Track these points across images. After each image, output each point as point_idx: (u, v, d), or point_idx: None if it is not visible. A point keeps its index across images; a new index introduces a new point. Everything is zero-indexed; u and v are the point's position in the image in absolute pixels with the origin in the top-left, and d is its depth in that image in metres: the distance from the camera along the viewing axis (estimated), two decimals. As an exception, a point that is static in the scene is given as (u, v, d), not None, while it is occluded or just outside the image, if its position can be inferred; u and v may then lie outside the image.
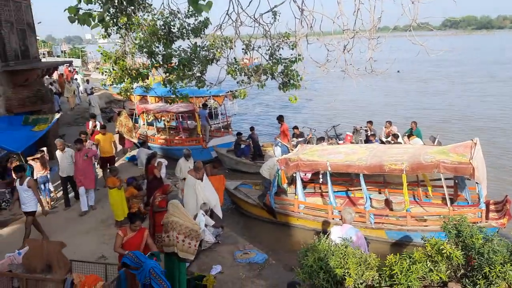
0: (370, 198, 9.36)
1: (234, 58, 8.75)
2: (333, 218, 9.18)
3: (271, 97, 30.31)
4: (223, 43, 9.67)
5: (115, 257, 7.73)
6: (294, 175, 9.85)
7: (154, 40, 10.13)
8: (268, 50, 9.32)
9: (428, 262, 3.49)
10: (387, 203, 9.78)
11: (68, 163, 10.55)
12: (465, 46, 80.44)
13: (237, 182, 11.71)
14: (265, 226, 10.20)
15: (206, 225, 8.53)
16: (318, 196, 10.94)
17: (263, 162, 13.66)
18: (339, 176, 10.85)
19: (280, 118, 14.57)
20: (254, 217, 10.53)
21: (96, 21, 4.27)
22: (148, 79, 12.01)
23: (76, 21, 3.87)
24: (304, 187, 10.38)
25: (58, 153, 10.62)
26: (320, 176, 10.95)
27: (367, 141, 13.53)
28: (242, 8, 7.04)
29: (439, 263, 3.47)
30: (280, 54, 9.70)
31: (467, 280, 3.36)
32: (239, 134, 14.83)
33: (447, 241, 3.70)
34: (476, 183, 8.19)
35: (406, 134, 13.24)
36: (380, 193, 10.47)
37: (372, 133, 13.78)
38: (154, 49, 10.08)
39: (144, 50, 9.98)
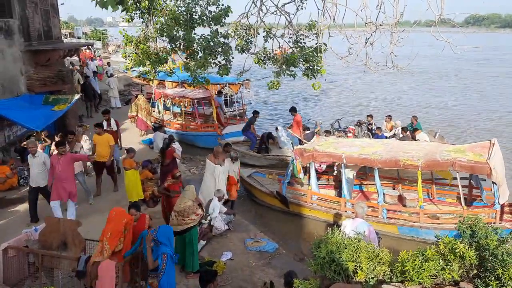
0: (384, 193, 9.33)
1: (264, 48, 8.70)
2: (345, 211, 9.18)
3: (289, 87, 30.19)
4: (246, 32, 9.66)
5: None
6: (308, 165, 9.86)
7: (175, 25, 10.18)
8: (291, 38, 9.24)
9: (440, 261, 3.49)
10: (400, 199, 9.73)
11: (38, 171, 8.51)
12: (497, 45, 77.68)
13: (251, 170, 11.77)
14: (277, 215, 10.26)
15: (219, 212, 8.63)
16: (332, 188, 10.94)
17: (269, 155, 13.64)
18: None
19: (293, 110, 14.51)
20: (267, 205, 10.59)
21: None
22: (167, 63, 12.06)
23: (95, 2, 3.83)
24: (318, 179, 10.38)
25: (29, 158, 8.74)
26: (335, 168, 10.93)
27: (373, 134, 13.53)
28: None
29: (452, 262, 3.46)
30: (305, 42, 9.61)
31: (479, 281, 3.35)
32: (256, 112, 14.91)
33: (460, 240, 3.69)
34: (493, 183, 8.08)
35: (409, 130, 13.20)
36: (393, 188, 10.42)
37: (377, 126, 13.79)
38: (174, 33, 10.13)
39: (165, 34, 10.05)
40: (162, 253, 5.65)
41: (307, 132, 13.57)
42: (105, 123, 11.83)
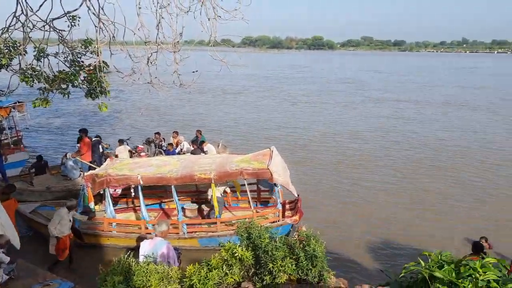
0: (183, 208, 9.51)
1: (32, 65, 7.69)
2: (147, 233, 8.96)
3: (76, 107, 28.08)
4: (12, 48, 8.45)
5: None
6: (102, 192, 9.25)
7: None
8: (67, 56, 8.55)
9: (224, 267, 3.70)
10: (200, 211, 10.09)
11: None
12: (279, 64, 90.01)
13: (35, 204, 10.29)
14: (73, 250, 9.22)
15: (0, 263, 7.20)
16: (131, 211, 10.55)
17: (55, 186, 12.20)
18: (151, 189, 10.68)
19: (84, 132, 13.04)
20: (58, 242, 9.40)
21: None
22: None
23: None
24: (116, 203, 9.85)
25: None
26: (132, 190, 10.58)
27: (165, 151, 13.94)
28: (32, 11, 6.29)
29: (233, 266, 3.71)
30: (83, 61, 9.01)
31: (256, 278, 3.68)
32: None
33: (239, 244, 4.01)
34: (275, 185, 9.19)
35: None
36: (193, 201, 10.74)
37: (169, 142, 14.34)
38: None
39: None
40: None
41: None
42: None
